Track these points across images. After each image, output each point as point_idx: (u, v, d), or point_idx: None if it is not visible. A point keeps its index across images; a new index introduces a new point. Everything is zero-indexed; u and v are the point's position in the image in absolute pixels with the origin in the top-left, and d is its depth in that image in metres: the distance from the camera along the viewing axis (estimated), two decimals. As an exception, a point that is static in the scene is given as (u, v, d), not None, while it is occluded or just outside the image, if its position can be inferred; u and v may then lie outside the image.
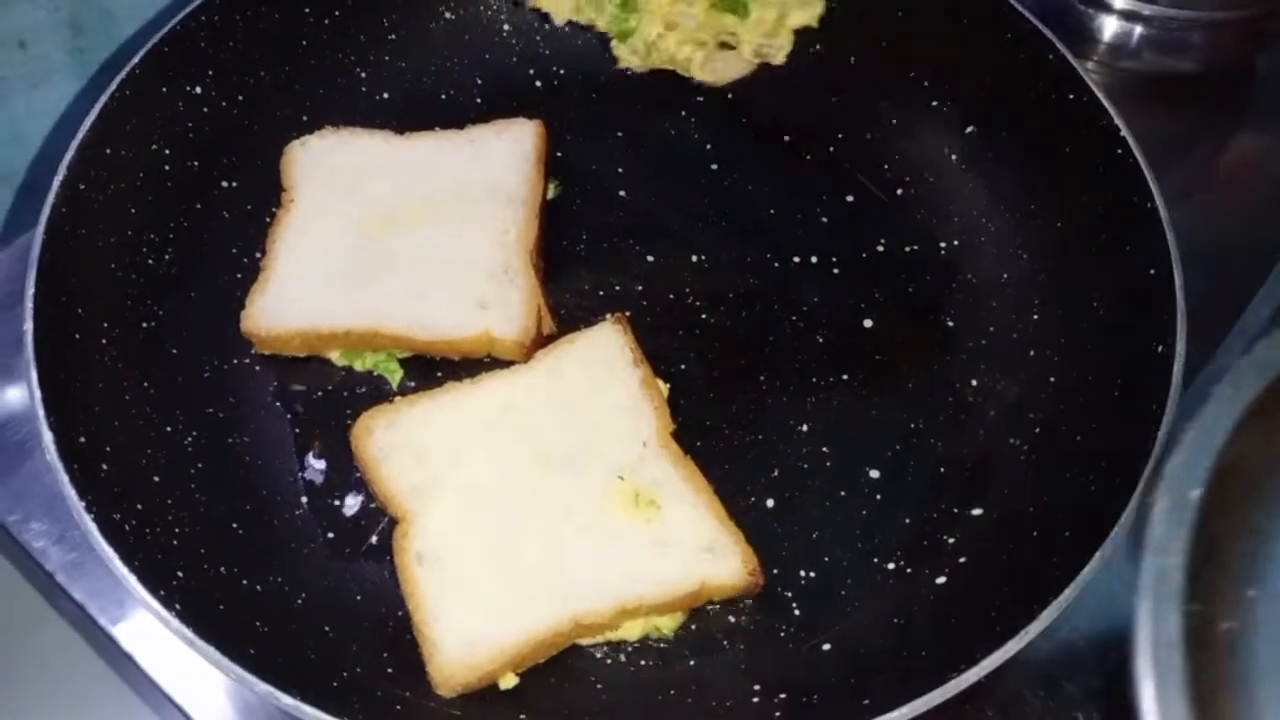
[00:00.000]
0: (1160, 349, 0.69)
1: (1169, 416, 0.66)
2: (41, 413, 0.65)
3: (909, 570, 0.71)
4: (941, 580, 0.70)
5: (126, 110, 0.79)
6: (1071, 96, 0.80)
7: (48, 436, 0.64)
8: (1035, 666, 0.72)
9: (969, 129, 0.87)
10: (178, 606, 0.60)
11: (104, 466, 0.66)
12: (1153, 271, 0.72)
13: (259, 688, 0.57)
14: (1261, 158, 1.05)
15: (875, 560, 0.71)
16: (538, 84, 0.93)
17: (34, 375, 0.66)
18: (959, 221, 0.86)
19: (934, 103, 0.90)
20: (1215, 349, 0.87)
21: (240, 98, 0.86)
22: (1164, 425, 0.66)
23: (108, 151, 0.78)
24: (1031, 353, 0.78)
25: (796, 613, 0.70)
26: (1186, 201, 0.99)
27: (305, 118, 0.88)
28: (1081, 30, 1.01)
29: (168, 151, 0.82)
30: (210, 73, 0.84)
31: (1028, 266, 0.82)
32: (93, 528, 0.61)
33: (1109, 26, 1.01)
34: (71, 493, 0.62)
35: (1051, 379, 0.76)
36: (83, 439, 0.66)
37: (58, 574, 0.75)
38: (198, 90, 0.84)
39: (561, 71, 0.94)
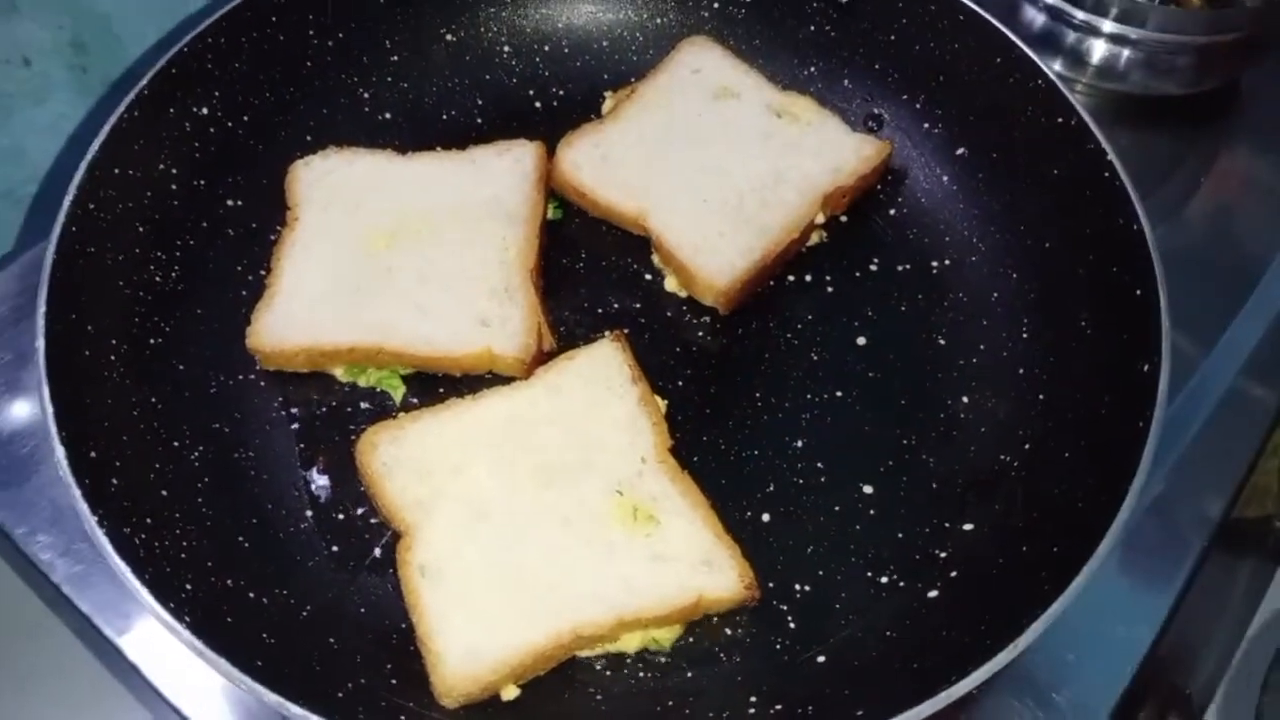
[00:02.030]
0: (1145, 367, 0.71)
1: (1154, 433, 0.68)
2: (53, 429, 0.66)
3: (901, 584, 0.72)
4: (933, 594, 0.71)
5: (135, 131, 0.80)
6: (1059, 120, 0.82)
7: (60, 452, 0.65)
8: (1026, 678, 0.74)
9: (960, 151, 0.89)
10: (188, 619, 0.61)
11: (114, 481, 0.68)
12: (1138, 292, 0.74)
13: (269, 698, 0.58)
14: (1248, 174, 1.07)
15: (869, 574, 0.73)
16: (537, 105, 0.95)
17: (46, 392, 0.67)
18: (950, 242, 0.87)
19: (925, 125, 0.92)
20: (1201, 363, 0.90)
21: (245, 118, 0.88)
22: (1149, 442, 0.67)
23: (116, 171, 0.79)
24: (1021, 370, 0.80)
25: (792, 625, 0.71)
26: (1174, 217, 1.01)
27: (309, 137, 0.90)
28: (1072, 53, 1.03)
29: (174, 171, 0.83)
30: (216, 93, 0.86)
31: (1017, 286, 0.84)
32: (105, 542, 0.63)
33: (1098, 50, 1.03)
34: (84, 507, 0.64)
35: (1040, 396, 0.78)
36: (93, 454, 0.68)
37: (64, 585, 0.76)
38: (204, 111, 0.86)
39: (561, 93, 0.96)
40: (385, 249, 0.83)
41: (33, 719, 0.82)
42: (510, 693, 0.67)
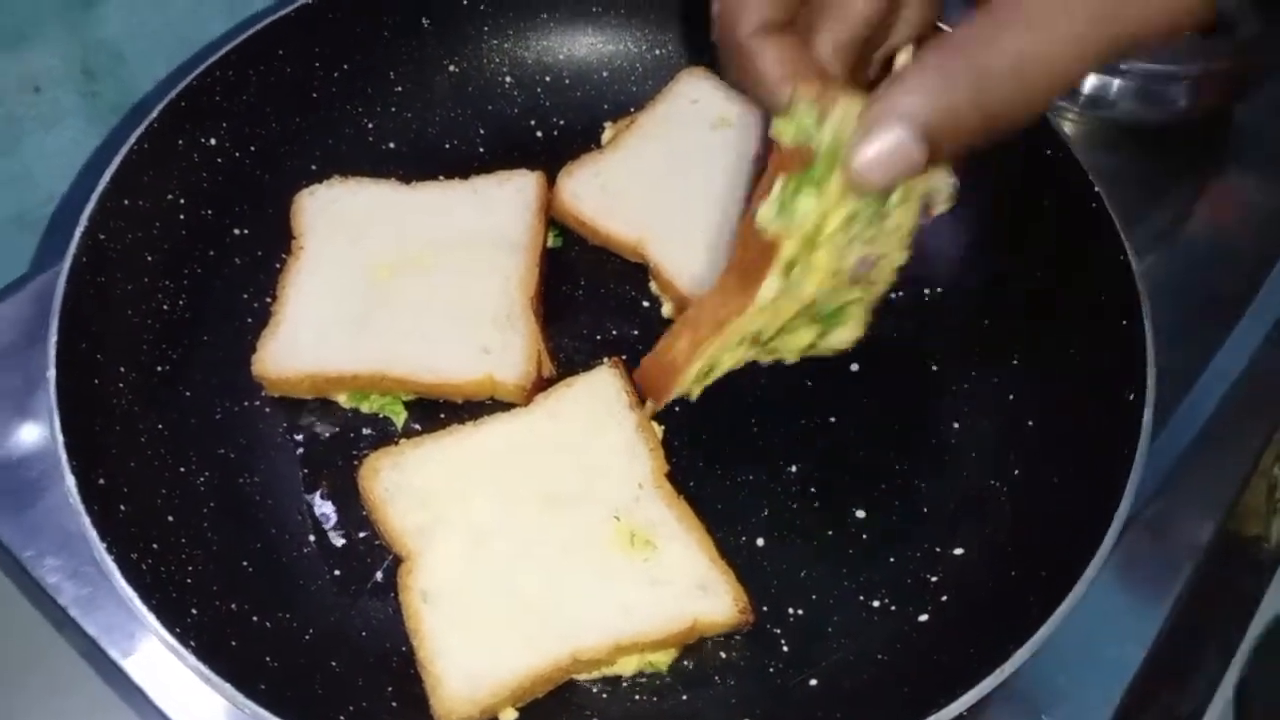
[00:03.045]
0: (1131, 396, 0.72)
1: (1139, 460, 0.69)
2: (64, 457, 0.68)
3: (894, 608, 0.74)
4: (924, 618, 0.73)
5: (144, 162, 0.82)
6: (1049, 152, 0.84)
7: (70, 480, 0.67)
8: (1017, 699, 0.75)
9: (951, 180, 0.91)
10: (192, 643, 0.63)
11: (122, 507, 0.69)
12: (1124, 323, 0.75)
13: (271, 723, 0.60)
14: (1238, 201, 1.08)
15: (861, 598, 0.74)
16: (538, 134, 0.97)
17: (57, 421, 0.69)
18: (943, 269, 0.89)
19: (919, 155, 0.93)
20: (1189, 389, 0.91)
21: (252, 148, 0.89)
22: (1135, 469, 0.69)
23: (126, 202, 0.81)
24: (1011, 397, 0.81)
25: (785, 649, 0.72)
26: (1165, 242, 1.03)
27: (314, 167, 0.92)
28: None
29: (183, 201, 0.85)
30: (224, 124, 0.88)
31: (1008, 313, 0.85)
32: (113, 568, 0.64)
33: (1089, 78, 1.05)
34: (93, 534, 0.65)
35: (1030, 423, 0.79)
36: (102, 480, 0.69)
37: (70, 608, 0.77)
38: (212, 141, 0.87)
39: (561, 122, 0.98)
40: (388, 277, 0.85)
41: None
42: (509, 715, 0.68)
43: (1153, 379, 0.71)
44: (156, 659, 0.75)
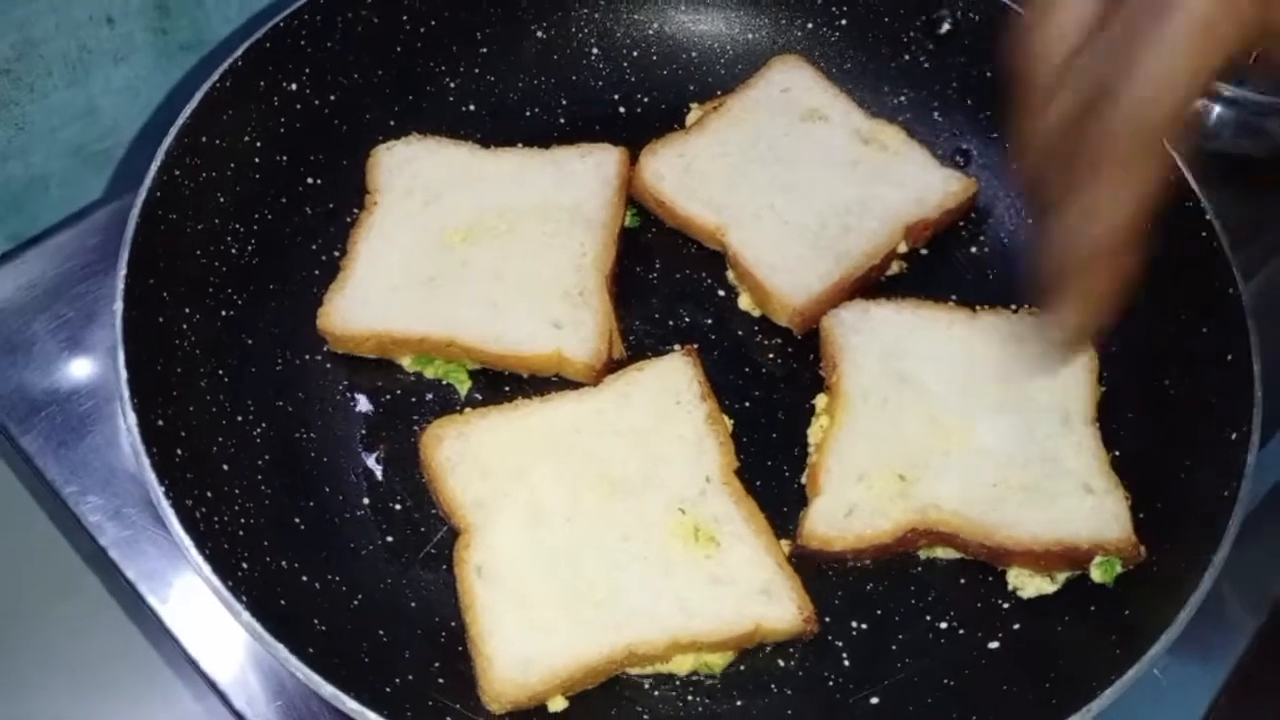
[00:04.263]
0: (1234, 435, 0.69)
1: (1240, 505, 0.66)
2: (126, 393, 0.66)
3: (962, 631, 0.71)
4: (994, 645, 0.70)
5: (225, 101, 0.80)
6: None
7: (132, 418, 0.65)
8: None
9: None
10: (245, 599, 0.60)
11: (179, 452, 0.67)
12: (1230, 357, 0.72)
13: (324, 690, 0.58)
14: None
15: (928, 618, 0.71)
16: (621, 110, 0.94)
17: (121, 356, 0.67)
18: (1031, 286, 0.86)
19: (1015, 165, 0.90)
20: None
21: (333, 98, 0.87)
22: (1235, 514, 0.66)
23: (204, 139, 0.79)
24: (1099, 425, 0.78)
25: (846, 663, 0.70)
26: (1255, 279, 0.99)
27: (392, 122, 0.89)
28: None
29: (259, 144, 0.83)
30: (306, 71, 0.86)
31: (1104, 338, 0.82)
32: (171, 513, 0.62)
33: (1211, 110, 1.02)
34: (151, 476, 0.63)
35: (1116, 453, 0.76)
36: (161, 423, 0.67)
37: (111, 549, 0.76)
38: (293, 87, 0.85)
39: (645, 100, 0.95)
40: (461, 242, 0.82)
41: (64, 678, 0.81)
42: (558, 704, 0.66)
43: (1259, 419, 0.68)
44: (193, 608, 0.73)
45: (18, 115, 0.93)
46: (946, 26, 0.92)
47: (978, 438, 0.74)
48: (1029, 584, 0.71)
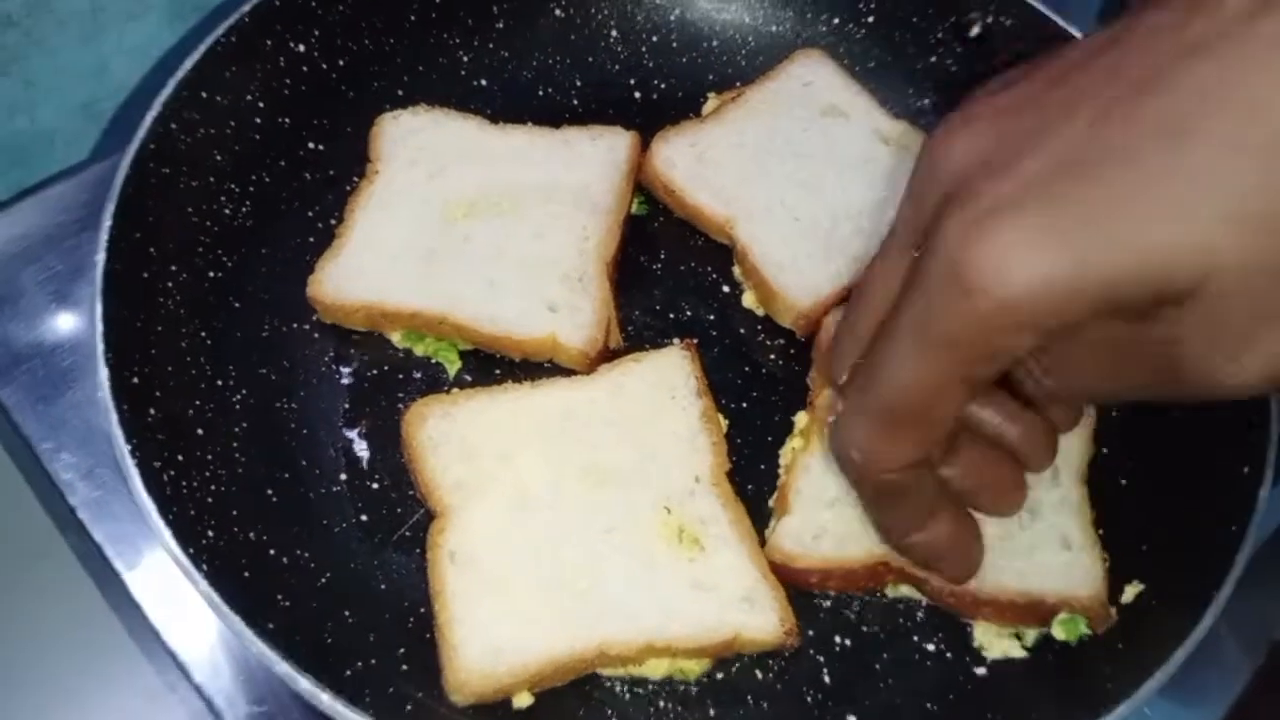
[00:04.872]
0: (1246, 470, 0.66)
1: (1247, 542, 0.63)
2: (101, 347, 0.64)
3: (948, 655, 0.68)
4: (981, 671, 0.67)
5: (228, 57, 0.78)
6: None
7: (103, 372, 0.63)
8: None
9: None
10: (205, 567, 0.58)
11: (152, 411, 0.65)
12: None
13: (279, 668, 0.55)
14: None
15: (915, 639, 0.69)
16: (636, 95, 0.92)
17: (99, 308, 0.65)
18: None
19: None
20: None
21: (340, 62, 0.85)
22: (1241, 551, 0.63)
23: (203, 94, 0.77)
24: (1105, 450, 0.75)
25: (826, 680, 0.67)
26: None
27: (400, 92, 0.87)
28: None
29: (261, 104, 0.81)
30: (316, 33, 0.83)
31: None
32: (134, 471, 0.60)
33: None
34: (118, 432, 0.61)
35: (1123, 482, 0.73)
36: (136, 380, 0.65)
37: (80, 509, 0.74)
38: (300, 48, 0.83)
39: (662, 86, 0.92)
40: (463, 218, 0.80)
41: (21, 642, 0.79)
42: (523, 700, 0.64)
43: (1274, 455, 0.65)
44: (160, 576, 0.71)
45: (27, 70, 0.91)
46: (977, 30, 0.89)
47: None
48: (995, 645, 0.68)
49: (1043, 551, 0.68)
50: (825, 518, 0.69)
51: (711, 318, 0.81)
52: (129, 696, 0.76)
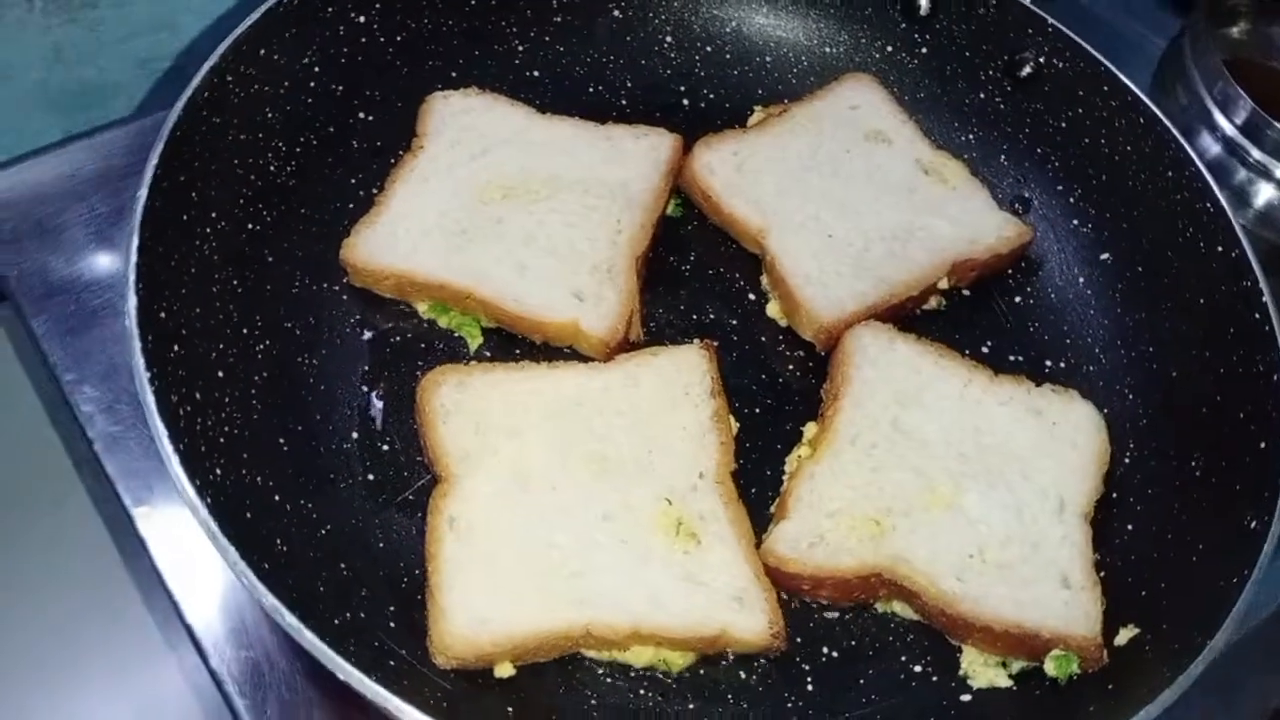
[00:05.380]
0: (1253, 524, 0.65)
1: (1246, 595, 0.62)
2: (132, 278, 0.65)
3: (935, 677, 0.68)
4: (966, 698, 0.67)
5: (290, 19, 0.80)
6: (1220, 249, 0.78)
7: (131, 301, 0.64)
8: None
9: (1105, 256, 0.85)
10: (209, 500, 0.59)
11: (176, 348, 0.66)
12: (1263, 445, 0.69)
13: (266, 601, 0.56)
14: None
15: (903, 658, 0.68)
16: (685, 102, 0.93)
17: (134, 241, 0.66)
18: (1071, 345, 0.83)
19: (1074, 221, 0.87)
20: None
21: (399, 37, 0.87)
22: (1239, 602, 0.62)
23: (262, 52, 0.79)
24: (1114, 494, 0.75)
25: (810, 688, 0.67)
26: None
27: (453, 73, 0.89)
28: (1238, 191, 0.99)
29: (317, 69, 0.82)
30: (378, 5, 0.85)
31: (1131, 408, 0.79)
32: (151, 401, 0.61)
33: (1264, 193, 0.99)
34: (139, 361, 0.62)
35: (1130, 526, 0.72)
36: (163, 315, 0.66)
37: (97, 442, 0.75)
38: (361, 19, 0.85)
39: (711, 96, 0.93)
40: (500, 200, 0.81)
41: (29, 572, 0.80)
42: (505, 670, 0.64)
43: (1281, 517, 0.65)
44: (167, 516, 0.72)
45: (94, 19, 0.93)
46: (1028, 70, 0.89)
47: (965, 504, 0.70)
48: (982, 673, 0.67)
49: (1042, 585, 0.67)
50: (824, 526, 0.69)
51: (734, 323, 0.82)
52: (127, 636, 0.77)
